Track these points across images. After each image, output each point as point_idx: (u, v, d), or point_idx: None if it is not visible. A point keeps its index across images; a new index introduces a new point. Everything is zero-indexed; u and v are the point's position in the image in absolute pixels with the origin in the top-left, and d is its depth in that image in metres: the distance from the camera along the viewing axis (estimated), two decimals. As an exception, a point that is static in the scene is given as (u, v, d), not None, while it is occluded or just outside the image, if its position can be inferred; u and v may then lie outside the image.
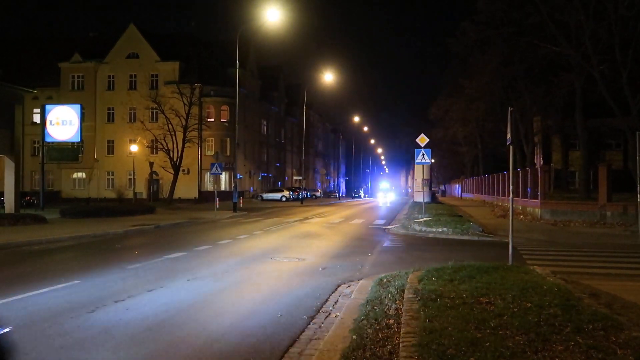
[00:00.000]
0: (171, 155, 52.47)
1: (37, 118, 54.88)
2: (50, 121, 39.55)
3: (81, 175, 66.72)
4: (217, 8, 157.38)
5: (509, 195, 13.17)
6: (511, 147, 12.85)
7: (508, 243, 12.67)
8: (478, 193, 59.24)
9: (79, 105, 41.86)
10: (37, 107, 52.72)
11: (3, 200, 31.14)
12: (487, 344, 5.85)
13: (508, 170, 13.11)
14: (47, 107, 40.91)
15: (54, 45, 68.25)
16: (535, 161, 50.41)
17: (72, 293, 10.02)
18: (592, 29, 31.78)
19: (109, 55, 65.92)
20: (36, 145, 58.46)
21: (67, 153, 42.77)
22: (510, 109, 12.58)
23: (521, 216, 30.14)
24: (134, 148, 56.17)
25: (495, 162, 63.00)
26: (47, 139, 40.04)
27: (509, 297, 8.01)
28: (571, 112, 40.03)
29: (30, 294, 9.77)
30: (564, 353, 5.65)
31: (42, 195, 39.07)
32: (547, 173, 30.79)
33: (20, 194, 31.67)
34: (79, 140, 40.73)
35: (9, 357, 4.00)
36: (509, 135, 12.53)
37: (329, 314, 8.57)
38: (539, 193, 29.23)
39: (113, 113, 66.57)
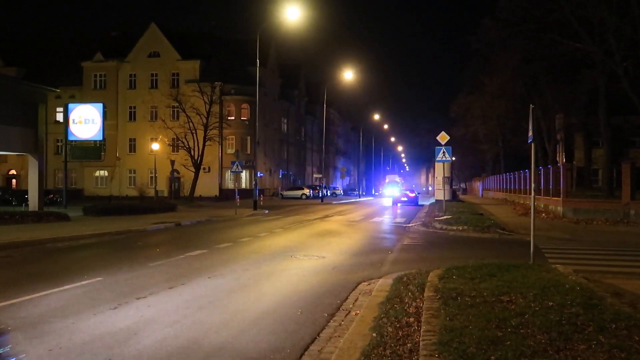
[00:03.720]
0: (192, 153, 52.75)
1: (60, 117, 55.49)
2: (73, 120, 39.96)
3: (103, 173, 67.33)
4: (237, 6, 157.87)
5: (530, 194, 13.07)
6: (533, 144, 12.75)
7: (529, 241, 12.58)
8: (499, 191, 58.83)
9: (101, 104, 42.26)
10: (60, 106, 53.15)
11: (27, 198, 31.53)
12: (508, 342, 5.82)
13: (530, 168, 13.01)
14: (70, 106, 41.32)
15: (76, 44, 68.85)
16: (558, 159, 50.01)
17: (95, 290, 10.13)
18: (616, 25, 31.42)
19: (131, 54, 66.40)
20: (59, 143, 59.15)
21: (90, 151, 43.24)
22: (531, 106, 12.49)
23: (543, 214, 29.90)
24: (156, 146, 56.60)
25: (517, 160, 62.47)
26: (70, 138, 40.47)
27: (531, 295, 7.96)
28: (594, 110, 39.66)
29: (54, 290, 9.89)
30: (587, 352, 5.61)
31: (65, 193, 39.50)
32: (570, 171, 30.53)
33: (43, 192, 32.03)
34: (101, 138, 41.16)
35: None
36: (530, 133, 12.44)
37: (349, 311, 8.58)
38: (561, 191, 28.99)
39: (135, 111, 67.06)
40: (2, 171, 65.10)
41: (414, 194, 48.78)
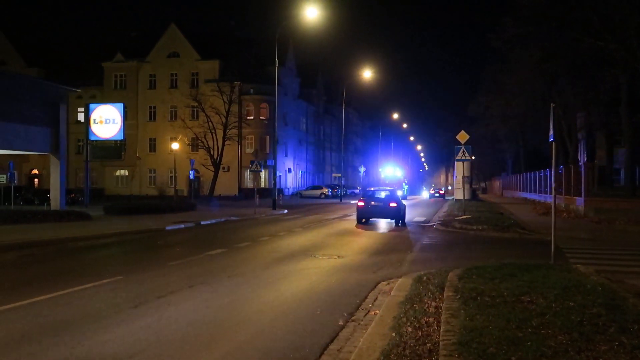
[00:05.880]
0: (211, 152, 53.06)
1: (81, 117, 55.89)
2: (94, 120, 40.21)
3: (124, 172, 67.86)
4: (256, 6, 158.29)
5: (551, 193, 12.97)
6: (554, 143, 12.65)
7: (550, 241, 12.48)
8: (520, 190, 58.44)
9: (122, 104, 42.47)
10: (81, 106, 53.62)
11: (49, 197, 31.85)
12: (529, 343, 5.79)
13: (550, 167, 12.93)
14: (91, 106, 41.57)
15: (96, 45, 69.43)
16: (579, 158, 49.51)
17: (116, 289, 10.21)
18: (638, 22, 31.05)
19: (151, 55, 66.85)
20: (80, 143, 59.57)
21: (110, 151, 43.43)
22: (552, 105, 12.40)
23: (564, 214, 29.63)
24: (175, 146, 56.94)
25: (537, 159, 62.02)
26: (91, 137, 40.73)
27: (551, 296, 7.90)
28: (616, 108, 39.20)
29: (75, 289, 9.98)
30: (608, 353, 5.56)
31: (87, 193, 39.83)
32: (591, 170, 30.25)
33: (65, 192, 32.33)
34: (121, 138, 41.33)
35: None
36: (551, 132, 12.35)
37: (368, 311, 8.58)
38: (582, 190, 28.71)
39: (155, 111, 67.53)
40: (24, 170, 65.82)
41: (443, 192, 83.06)
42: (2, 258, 14.22)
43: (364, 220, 26.33)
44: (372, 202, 26.12)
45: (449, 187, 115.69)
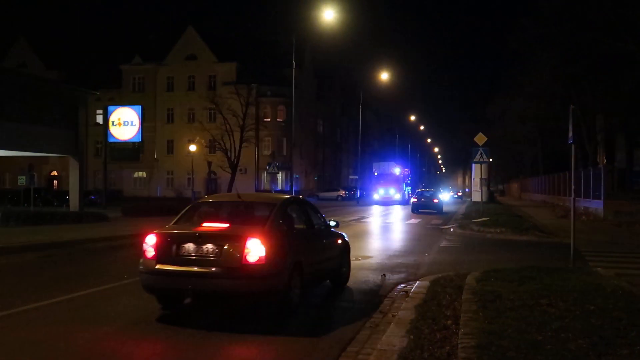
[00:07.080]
0: (229, 154, 53.07)
1: (99, 119, 56.37)
2: (113, 122, 40.55)
3: (142, 174, 68.25)
4: (273, 8, 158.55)
5: (570, 195, 12.86)
6: (573, 146, 12.55)
7: (569, 244, 12.37)
8: (538, 193, 58.02)
9: (140, 107, 42.83)
10: (99, 109, 53.98)
11: (68, 198, 32.13)
12: (549, 347, 5.74)
13: (569, 169, 12.81)
14: (110, 108, 41.93)
15: (115, 48, 69.86)
16: (598, 160, 49.07)
17: (135, 290, 10.25)
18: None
19: (168, 57, 67.25)
20: (99, 145, 60.13)
21: (129, 153, 43.88)
22: (571, 107, 12.29)
23: (583, 217, 29.35)
24: (193, 148, 57.15)
25: (556, 161, 61.41)
26: (110, 140, 41.09)
27: (571, 299, 7.84)
28: (636, 109, 38.83)
29: (95, 289, 10.08)
30: (629, 357, 5.50)
31: (105, 194, 40.12)
32: (611, 173, 29.96)
33: (83, 193, 32.60)
34: (139, 140, 41.68)
35: None
36: (570, 134, 12.24)
37: (386, 313, 8.54)
38: (601, 193, 28.44)
39: (172, 114, 67.92)
40: (44, 172, 66.42)
41: (460, 193, 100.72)
42: (23, 259, 14.35)
43: (416, 210, 37.34)
44: (422, 199, 38.66)
45: (467, 190, 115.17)
